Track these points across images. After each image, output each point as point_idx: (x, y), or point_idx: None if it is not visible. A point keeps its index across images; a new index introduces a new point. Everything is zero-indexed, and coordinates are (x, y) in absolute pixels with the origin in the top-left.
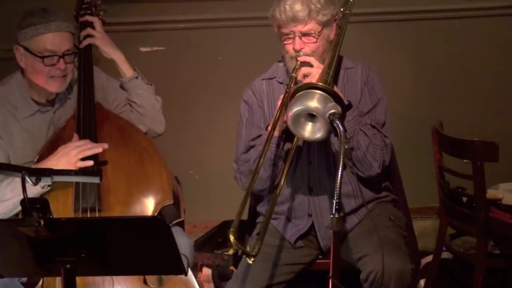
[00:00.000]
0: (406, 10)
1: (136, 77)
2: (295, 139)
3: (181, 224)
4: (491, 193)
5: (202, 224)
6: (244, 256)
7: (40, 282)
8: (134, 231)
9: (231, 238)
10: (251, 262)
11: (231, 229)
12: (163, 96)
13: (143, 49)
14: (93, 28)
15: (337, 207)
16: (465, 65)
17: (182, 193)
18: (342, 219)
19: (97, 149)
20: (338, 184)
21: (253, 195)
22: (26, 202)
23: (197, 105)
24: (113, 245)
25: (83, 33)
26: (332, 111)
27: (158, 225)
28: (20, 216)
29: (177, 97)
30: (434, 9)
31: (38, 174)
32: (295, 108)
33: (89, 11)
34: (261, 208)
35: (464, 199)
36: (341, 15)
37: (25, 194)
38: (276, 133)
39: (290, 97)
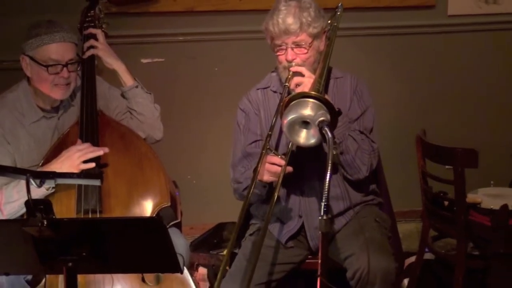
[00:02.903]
0: (392, 25)
1: (136, 86)
2: (288, 149)
3: (178, 226)
4: (470, 197)
5: (199, 226)
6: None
7: (44, 280)
8: (133, 231)
9: None
10: None
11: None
12: (162, 105)
13: (144, 61)
14: (96, 39)
15: (325, 209)
16: (446, 77)
17: (179, 197)
18: (330, 221)
19: (98, 151)
20: (327, 187)
21: None
22: (30, 203)
23: (195, 113)
24: (112, 245)
25: (87, 44)
26: (321, 118)
27: (155, 226)
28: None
29: (175, 105)
30: (418, 24)
31: (42, 176)
32: (290, 116)
33: (93, 24)
34: (254, 210)
35: (446, 203)
36: (330, 27)
37: (29, 196)
38: (258, 178)
39: (284, 106)
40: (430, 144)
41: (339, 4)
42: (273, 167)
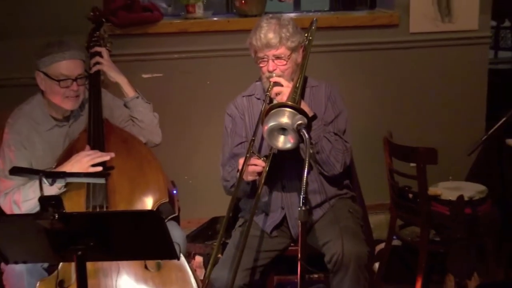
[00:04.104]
0: (362, 42)
1: (137, 97)
2: (270, 152)
3: (176, 219)
4: (432, 190)
5: (195, 220)
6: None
7: (59, 267)
8: (134, 222)
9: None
10: None
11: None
12: (161, 113)
13: (145, 76)
14: (101, 56)
15: (303, 201)
16: (409, 85)
17: (177, 194)
18: (308, 211)
19: (106, 157)
20: (304, 182)
21: None
22: (43, 199)
23: (189, 121)
24: (116, 235)
25: (93, 61)
26: (299, 122)
27: (154, 218)
28: None
29: (172, 114)
30: (384, 41)
31: (53, 176)
32: (270, 124)
33: (98, 43)
34: (242, 204)
35: (410, 195)
36: (306, 41)
37: (42, 192)
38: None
39: (265, 114)
40: (396, 144)
41: (314, 19)
42: (253, 167)
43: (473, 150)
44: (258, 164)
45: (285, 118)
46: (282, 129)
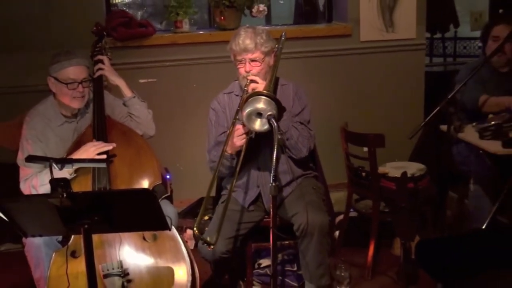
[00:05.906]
0: (322, 49)
1: (134, 97)
2: (248, 136)
3: (169, 198)
4: (381, 169)
5: (186, 200)
6: (205, 244)
7: (70, 240)
8: (131, 199)
9: (195, 231)
10: (210, 249)
11: (194, 226)
12: (155, 111)
13: (141, 80)
14: (103, 63)
15: (273, 178)
16: (361, 84)
17: (171, 179)
18: (278, 187)
19: (109, 146)
20: (274, 163)
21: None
22: (53, 181)
23: (179, 117)
24: (117, 210)
25: (96, 67)
26: (269, 113)
27: (147, 195)
28: None
29: (165, 111)
30: (340, 48)
31: (61, 162)
32: (248, 109)
33: (100, 52)
34: (225, 183)
35: (363, 174)
36: (277, 48)
37: (52, 176)
38: (229, 151)
39: (244, 102)
40: (351, 132)
41: (283, 33)
42: (238, 131)
43: (413, 134)
44: (241, 129)
45: (261, 104)
46: (259, 114)
